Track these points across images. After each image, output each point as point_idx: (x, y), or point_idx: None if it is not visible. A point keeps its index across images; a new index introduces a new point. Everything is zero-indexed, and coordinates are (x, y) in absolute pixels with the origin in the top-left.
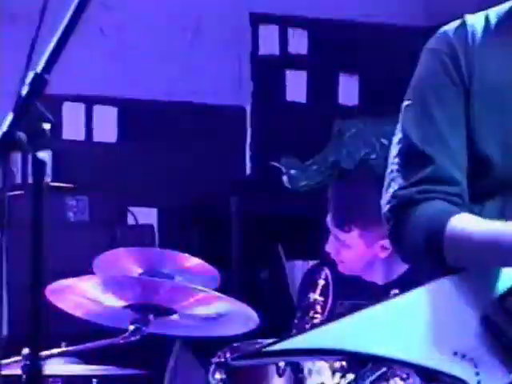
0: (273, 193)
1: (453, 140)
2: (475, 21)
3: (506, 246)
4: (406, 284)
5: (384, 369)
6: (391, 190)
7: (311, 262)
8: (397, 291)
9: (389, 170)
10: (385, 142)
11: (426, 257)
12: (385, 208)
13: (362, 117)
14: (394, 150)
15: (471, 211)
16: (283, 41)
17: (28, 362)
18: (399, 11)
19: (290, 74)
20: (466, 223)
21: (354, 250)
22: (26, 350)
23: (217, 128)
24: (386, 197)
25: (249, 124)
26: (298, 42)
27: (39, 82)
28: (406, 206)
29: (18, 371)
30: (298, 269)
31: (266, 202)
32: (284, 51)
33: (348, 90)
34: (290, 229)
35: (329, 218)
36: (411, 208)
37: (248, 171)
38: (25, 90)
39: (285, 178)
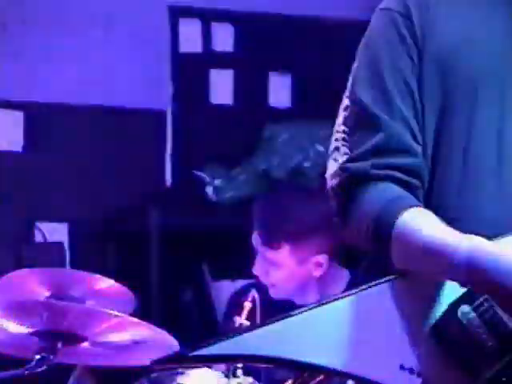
0: (196, 205)
1: (405, 106)
2: None
3: (454, 256)
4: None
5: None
6: (339, 161)
7: (241, 282)
8: None
9: (334, 138)
10: (320, 148)
11: (373, 246)
12: (331, 181)
13: (295, 120)
14: (341, 117)
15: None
16: (206, 37)
17: None
18: (335, 3)
19: (214, 74)
20: (417, 222)
21: (284, 269)
22: None
23: (133, 134)
24: (331, 168)
25: (169, 129)
26: (223, 38)
27: None
28: (357, 182)
29: None
30: (224, 289)
31: (188, 215)
32: (207, 48)
33: (279, 91)
34: (216, 245)
35: (254, 236)
36: (363, 186)
37: (168, 181)
38: None
39: (209, 189)
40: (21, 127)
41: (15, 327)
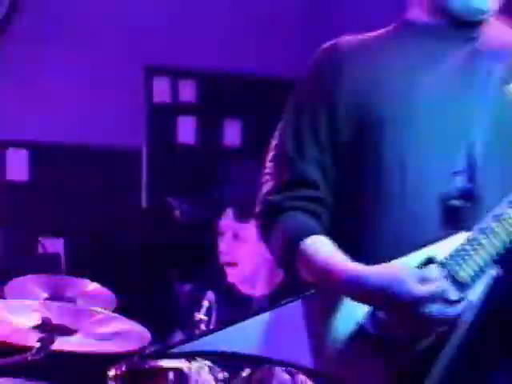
0: (167, 225)
1: (315, 155)
2: (349, 42)
3: (340, 280)
4: (280, 295)
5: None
6: (264, 192)
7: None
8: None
9: (264, 172)
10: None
11: (285, 266)
12: (257, 208)
13: (245, 157)
14: (270, 154)
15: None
16: (174, 90)
17: None
18: (274, 64)
19: (180, 120)
20: (316, 248)
21: (249, 245)
22: None
23: (116, 168)
24: (259, 197)
25: (144, 164)
26: (188, 91)
27: None
28: (273, 213)
29: None
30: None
31: (160, 232)
32: (175, 99)
33: (232, 134)
34: (182, 255)
35: (226, 215)
36: (276, 215)
37: (144, 206)
38: None
39: (177, 213)
40: (26, 162)
41: (20, 321)
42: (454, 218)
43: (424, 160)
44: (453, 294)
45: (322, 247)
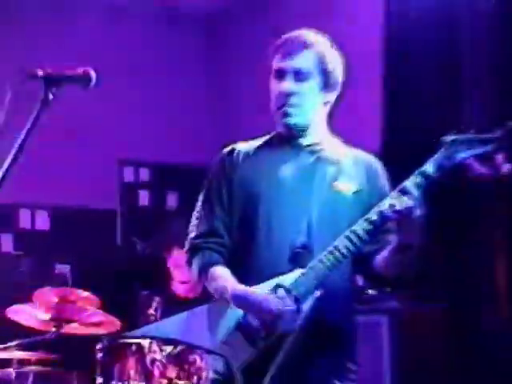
0: (132, 254)
1: (222, 216)
2: (242, 147)
3: (228, 294)
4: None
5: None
6: (190, 237)
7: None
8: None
9: (191, 224)
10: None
11: (201, 284)
12: (186, 246)
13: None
14: (196, 214)
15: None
16: (136, 175)
17: None
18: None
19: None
20: (218, 274)
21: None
22: None
23: (100, 221)
24: (187, 240)
25: (119, 218)
26: (145, 175)
27: None
28: (194, 251)
29: None
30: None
31: (130, 259)
32: (137, 179)
33: (171, 200)
34: (144, 273)
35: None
36: (196, 252)
37: (119, 243)
38: None
39: (138, 247)
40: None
41: (41, 315)
42: (297, 260)
43: (282, 225)
44: (292, 305)
45: (221, 274)
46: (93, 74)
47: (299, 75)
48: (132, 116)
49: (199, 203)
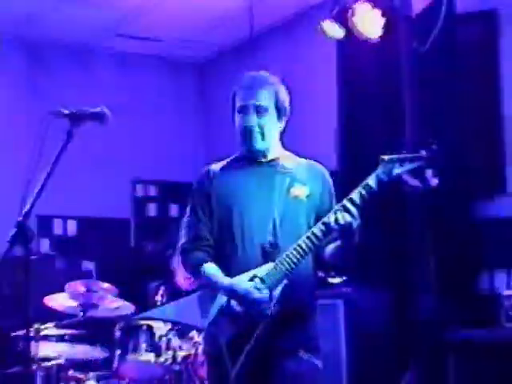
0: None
1: (206, 223)
2: (215, 167)
3: (218, 286)
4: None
5: None
6: (181, 242)
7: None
8: None
9: (180, 232)
10: None
11: (196, 281)
12: (177, 251)
13: None
14: (184, 223)
15: (217, 252)
16: (146, 190)
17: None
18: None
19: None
20: (208, 270)
21: None
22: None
23: (118, 229)
24: (178, 245)
25: (132, 225)
26: (153, 191)
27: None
28: (185, 253)
29: None
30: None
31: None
32: (146, 193)
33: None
34: (153, 268)
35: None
36: (187, 254)
37: (132, 245)
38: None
39: (148, 248)
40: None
41: (71, 302)
42: (267, 256)
43: (252, 228)
44: (266, 292)
45: (211, 270)
46: (108, 113)
47: (260, 111)
48: (142, 144)
49: (186, 215)
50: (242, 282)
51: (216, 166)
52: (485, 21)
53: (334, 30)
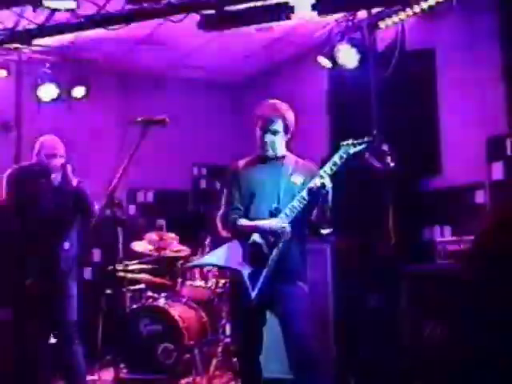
0: (198, 215)
1: (237, 198)
2: (241, 163)
3: (249, 227)
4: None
5: None
6: (223, 210)
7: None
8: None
9: (221, 202)
10: None
11: (233, 234)
12: (220, 214)
13: None
14: (223, 198)
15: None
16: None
17: None
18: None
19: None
20: (242, 221)
21: None
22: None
23: (181, 197)
24: (220, 212)
25: (190, 197)
26: (150, 197)
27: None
28: (226, 216)
29: None
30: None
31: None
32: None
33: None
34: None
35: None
36: (227, 216)
37: (190, 208)
38: None
39: (201, 210)
40: (152, 196)
41: (149, 247)
42: (273, 215)
43: (265, 200)
44: (285, 222)
45: (243, 221)
46: (167, 119)
47: (274, 132)
48: (198, 140)
49: (224, 193)
50: (265, 222)
51: (241, 162)
52: (426, 56)
53: (325, 62)
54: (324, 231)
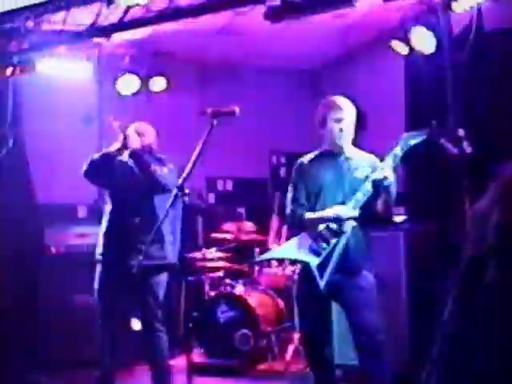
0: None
1: (303, 195)
2: (305, 159)
3: (317, 218)
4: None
5: None
6: (289, 207)
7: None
8: None
9: (288, 201)
10: None
11: (299, 229)
12: (288, 215)
13: None
14: (289, 191)
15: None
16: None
17: None
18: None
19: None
20: (308, 215)
21: None
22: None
23: (259, 185)
24: (287, 211)
25: (269, 187)
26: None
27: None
28: (293, 212)
29: None
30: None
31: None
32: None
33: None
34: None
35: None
36: (294, 213)
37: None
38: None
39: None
40: (231, 184)
41: (227, 235)
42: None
43: (331, 194)
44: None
45: (309, 214)
46: (237, 110)
47: (339, 128)
48: (276, 129)
49: (289, 192)
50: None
51: (306, 157)
52: (507, 36)
53: (400, 47)
54: (397, 219)
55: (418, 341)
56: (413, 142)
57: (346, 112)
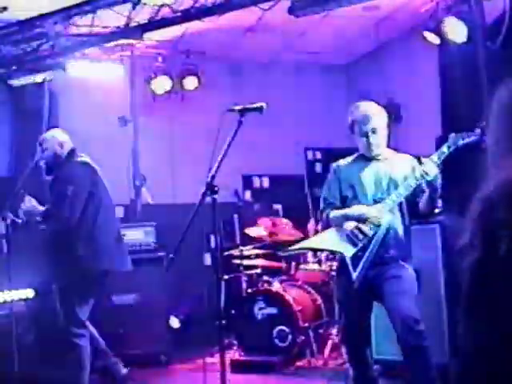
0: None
1: (334, 194)
2: (341, 162)
3: (349, 214)
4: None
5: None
6: (322, 206)
7: None
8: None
9: (322, 199)
10: None
11: (326, 224)
12: (320, 211)
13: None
14: (324, 191)
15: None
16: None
17: None
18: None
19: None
20: (334, 213)
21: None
22: None
23: (296, 182)
24: (321, 206)
25: (306, 181)
26: (265, 182)
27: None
28: (324, 210)
29: None
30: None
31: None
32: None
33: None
34: None
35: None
36: (323, 212)
37: (306, 191)
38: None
39: (308, 196)
40: (268, 180)
41: (262, 232)
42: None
43: (367, 193)
44: (385, 209)
45: (340, 211)
46: (264, 106)
47: (374, 132)
48: (311, 124)
49: (324, 189)
50: (360, 207)
51: (342, 162)
52: None
53: (432, 37)
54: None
55: (456, 332)
56: (461, 142)
57: (375, 120)
